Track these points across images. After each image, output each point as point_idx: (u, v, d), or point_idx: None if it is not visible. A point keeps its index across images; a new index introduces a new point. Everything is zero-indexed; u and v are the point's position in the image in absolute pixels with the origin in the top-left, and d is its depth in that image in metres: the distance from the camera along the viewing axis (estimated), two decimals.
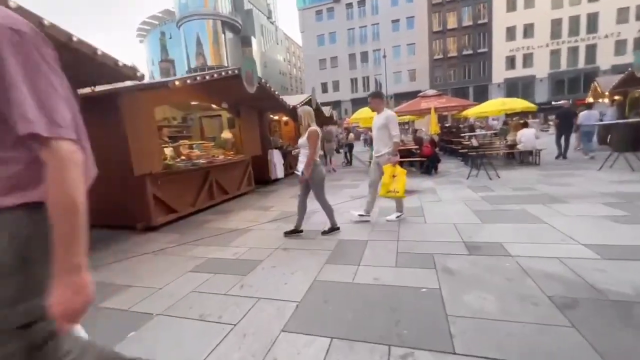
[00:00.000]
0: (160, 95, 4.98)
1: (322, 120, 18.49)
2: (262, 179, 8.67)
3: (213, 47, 48.20)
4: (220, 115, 8.03)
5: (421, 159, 8.73)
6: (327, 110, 16.88)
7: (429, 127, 11.54)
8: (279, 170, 8.85)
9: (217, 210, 6.14)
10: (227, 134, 7.25)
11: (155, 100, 5.03)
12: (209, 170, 6.06)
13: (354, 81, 45.14)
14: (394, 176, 4.20)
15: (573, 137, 9.75)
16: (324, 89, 45.40)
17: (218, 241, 4.17)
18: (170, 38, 50.53)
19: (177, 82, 4.75)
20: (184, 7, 48.31)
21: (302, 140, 3.85)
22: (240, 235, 4.39)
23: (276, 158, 8.72)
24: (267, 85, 7.08)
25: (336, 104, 42.10)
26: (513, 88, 36.81)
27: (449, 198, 5.70)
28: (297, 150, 4.09)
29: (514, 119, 12.02)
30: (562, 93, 35.81)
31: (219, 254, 3.66)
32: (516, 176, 7.35)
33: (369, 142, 23.46)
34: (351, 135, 13.35)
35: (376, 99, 4.37)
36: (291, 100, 9.66)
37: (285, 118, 11.64)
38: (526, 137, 8.52)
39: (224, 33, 49.00)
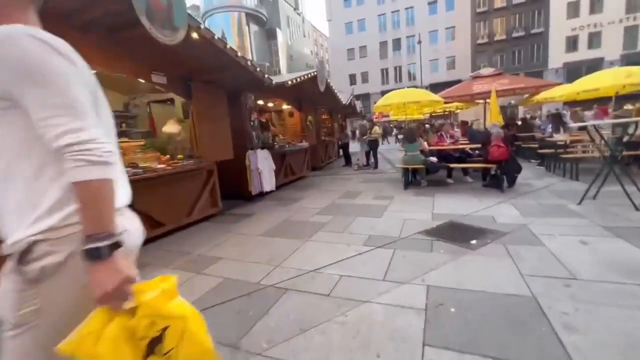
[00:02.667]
0: None
1: (348, 113, 15.53)
2: (240, 194, 5.95)
3: (238, 41, 46.63)
4: (171, 100, 5.36)
5: (486, 166, 5.53)
6: (358, 105, 13.98)
7: (488, 118, 8.13)
8: (266, 181, 6.07)
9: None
10: (171, 127, 4.57)
11: None
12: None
13: (384, 72, 41.34)
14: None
15: None
16: (352, 81, 42.04)
17: None
18: None
19: None
20: (209, 1, 47.18)
21: None
22: None
23: (262, 163, 5.93)
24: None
25: (365, 97, 38.66)
26: (575, 73, 30.98)
27: (581, 261, 2.57)
28: None
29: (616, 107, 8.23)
30: None
31: None
32: None
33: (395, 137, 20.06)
34: (376, 128, 10.26)
35: None
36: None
37: (285, 106, 8.82)
38: None
39: (248, 26, 47.29)
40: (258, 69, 4.49)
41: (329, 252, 3.29)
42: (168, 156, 4.41)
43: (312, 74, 6.94)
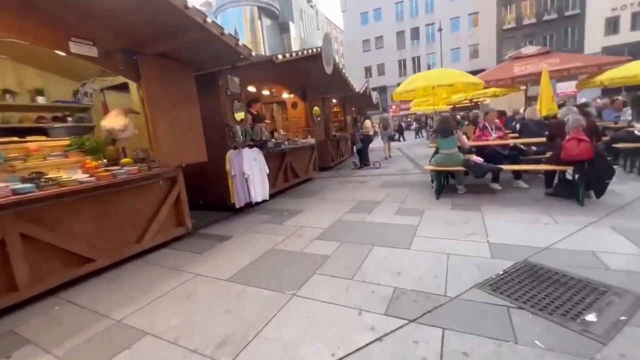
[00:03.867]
0: None
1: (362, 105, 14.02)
2: (224, 205, 4.64)
3: (250, 35, 45.68)
4: (126, 85, 4.06)
5: (561, 168, 3.95)
6: (374, 95, 12.47)
7: (538, 106, 6.42)
8: (256, 188, 4.70)
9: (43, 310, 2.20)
10: (113, 120, 3.26)
11: None
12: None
13: (402, 63, 39.29)
14: None
15: None
16: (368, 74, 40.17)
17: None
18: None
19: None
20: None
21: None
22: None
23: (249, 166, 4.57)
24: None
25: (381, 90, 36.74)
26: None
27: None
28: None
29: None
30: None
31: None
32: None
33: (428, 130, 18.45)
34: (367, 122, 8.89)
35: None
36: None
37: (287, 95, 7.40)
38: None
39: (260, 20, 46.22)
40: (226, 32, 3.10)
41: (325, 329, 1.89)
42: (100, 161, 3.11)
43: (314, 50, 5.48)
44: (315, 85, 7.23)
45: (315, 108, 7.51)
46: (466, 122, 8.53)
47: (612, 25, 29.84)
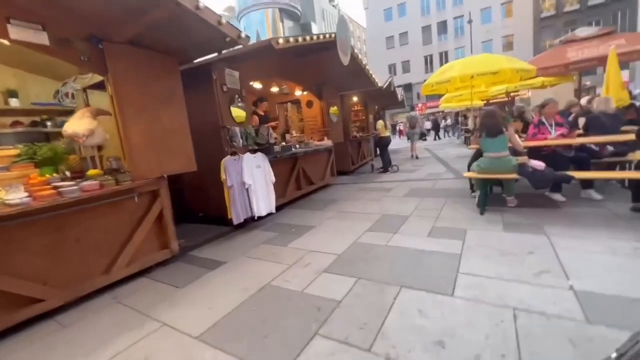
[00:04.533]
0: None
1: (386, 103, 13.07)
2: (224, 220, 3.96)
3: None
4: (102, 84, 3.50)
5: None
6: (399, 92, 11.54)
7: (602, 92, 5.22)
8: (260, 200, 3.99)
9: None
10: (77, 125, 2.66)
11: None
12: None
13: (428, 59, 37.57)
14: None
15: None
16: (392, 71, 38.79)
17: None
18: None
19: None
20: (244, 0, 46.83)
21: None
22: None
23: (249, 174, 3.86)
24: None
25: (407, 88, 35.37)
26: None
27: None
28: None
29: None
30: None
31: None
32: None
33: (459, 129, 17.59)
34: (380, 122, 7.88)
35: None
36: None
37: (299, 92, 6.65)
38: None
39: (282, 22, 46.21)
40: (202, 5, 2.38)
41: None
42: (55, 175, 2.51)
43: (328, 36, 4.68)
44: (332, 80, 6.45)
45: (333, 108, 6.72)
46: (512, 118, 7.43)
47: None
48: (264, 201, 4.11)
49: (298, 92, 6.54)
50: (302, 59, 5.33)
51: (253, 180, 3.94)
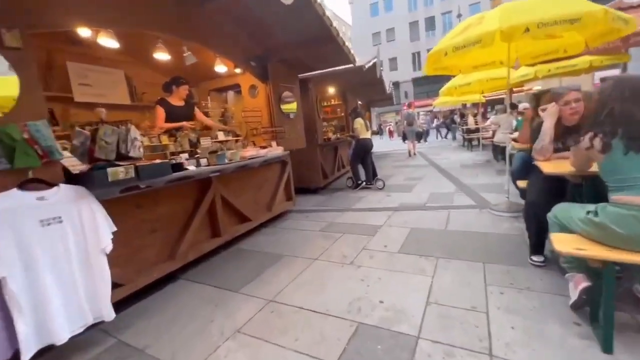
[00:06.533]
0: None
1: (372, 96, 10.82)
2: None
3: None
4: None
5: None
6: (386, 84, 9.31)
7: None
8: (47, 316, 1.58)
9: None
10: None
11: None
12: None
13: (416, 56, 35.83)
14: None
15: None
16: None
17: None
18: None
19: None
20: None
21: None
22: None
23: (11, 251, 1.46)
24: None
25: (394, 86, 33.51)
26: None
27: None
28: None
29: None
30: None
31: None
32: None
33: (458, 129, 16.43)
34: (359, 120, 5.50)
35: None
36: None
37: (240, 71, 4.18)
38: None
39: None
40: None
41: None
42: None
43: None
44: (279, 49, 3.92)
45: (286, 93, 4.28)
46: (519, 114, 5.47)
47: None
48: (70, 309, 1.70)
49: (223, 68, 4.03)
50: (217, 4, 2.93)
51: (25, 266, 1.53)
